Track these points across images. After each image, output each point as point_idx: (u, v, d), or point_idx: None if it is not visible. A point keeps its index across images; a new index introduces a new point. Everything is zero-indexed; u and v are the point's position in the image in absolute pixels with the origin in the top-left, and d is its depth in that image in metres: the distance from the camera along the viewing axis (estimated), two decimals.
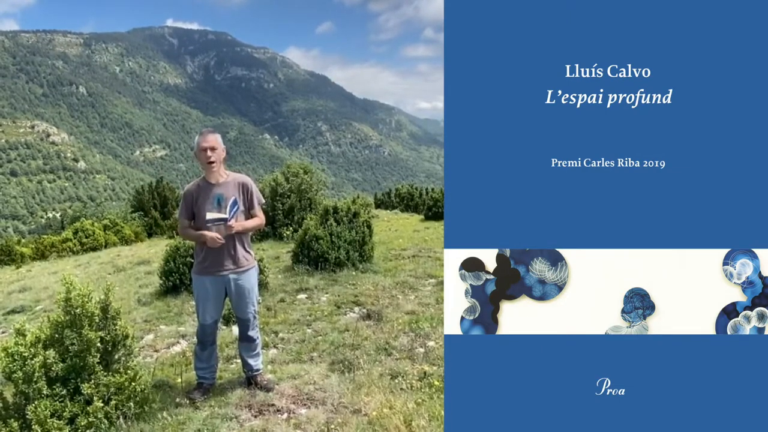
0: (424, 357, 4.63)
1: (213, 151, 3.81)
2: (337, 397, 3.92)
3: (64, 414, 3.20)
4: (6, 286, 11.90)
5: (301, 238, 8.35)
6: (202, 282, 3.93)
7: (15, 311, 8.42)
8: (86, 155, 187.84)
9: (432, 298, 6.66)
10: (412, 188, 25.15)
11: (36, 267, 15.43)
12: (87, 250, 17.66)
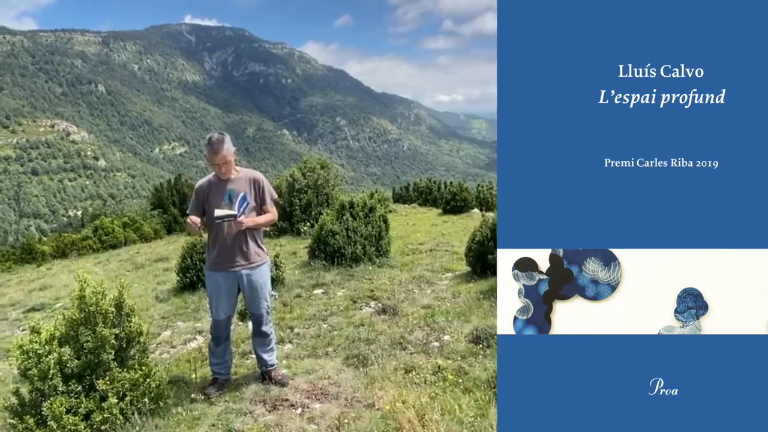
0: (438, 351, 4.61)
1: (226, 165, 3.83)
2: (350, 391, 3.92)
3: (79, 410, 3.23)
4: (27, 284, 12.14)
5: (318, 233, 8.36)
6: (215, 278, 3.95)
7: (35, 309, 8.57)
8: (106, 153, 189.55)
9: (448, 293, 6.63)
10: (431, 182, 25.00)
11: (56, 265, 15.67)
12: (107, 247, 17.88)
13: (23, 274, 14.92)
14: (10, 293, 11.27)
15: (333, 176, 13.94)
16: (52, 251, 18.03)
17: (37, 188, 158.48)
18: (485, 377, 3.90)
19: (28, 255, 18.02)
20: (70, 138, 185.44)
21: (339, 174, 14.85)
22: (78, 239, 18.15)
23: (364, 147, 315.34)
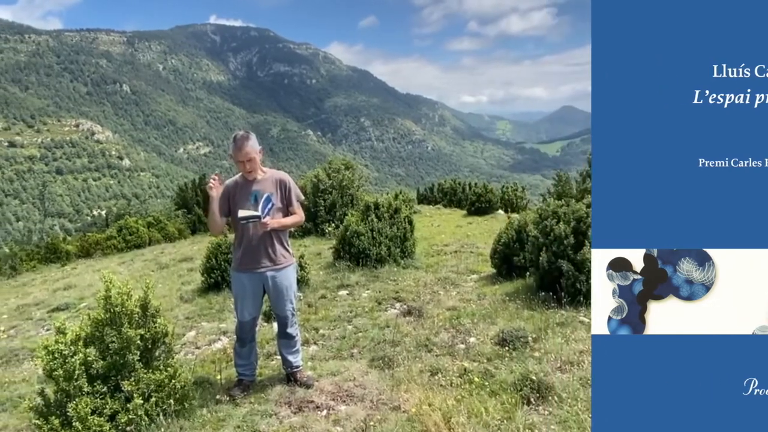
0: (464, 353, 4.56)
1: (250, 163, 3.80)
2: (376, 393, 3.89)
3: (104, 411, 3.23)
4: (51, 283, 12.35)
5: (342, 234, 8.36)
6: (240, 279, 3.94)
7: (59, 309, 8.69)
8: (131, 153, 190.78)
9: (474, 294, 6.56)
10: (455, 183, 24.85)
11: (81, 265, 15.92)
12: (131, 247, 18.04)
13: (48, 273, 15.16)
14: (35, 292, 11.48)
15: (357, 177, 13.95)
16: (76, 251, 18.22)
17: (61, 187, 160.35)
18: (511, 380, 3.84)
19: (53, 254, 18.22)
20: (95, 137, 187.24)
21: (363, 175, 14.83)
22: (102, 239, 18.33)
23: (388, 148, 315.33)
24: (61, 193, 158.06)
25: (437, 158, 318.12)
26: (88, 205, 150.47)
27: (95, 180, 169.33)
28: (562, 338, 4.65)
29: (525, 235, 6.77)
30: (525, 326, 4.92)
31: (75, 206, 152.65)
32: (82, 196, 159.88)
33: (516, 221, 7.47)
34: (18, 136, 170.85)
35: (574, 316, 5.21)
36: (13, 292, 12.25)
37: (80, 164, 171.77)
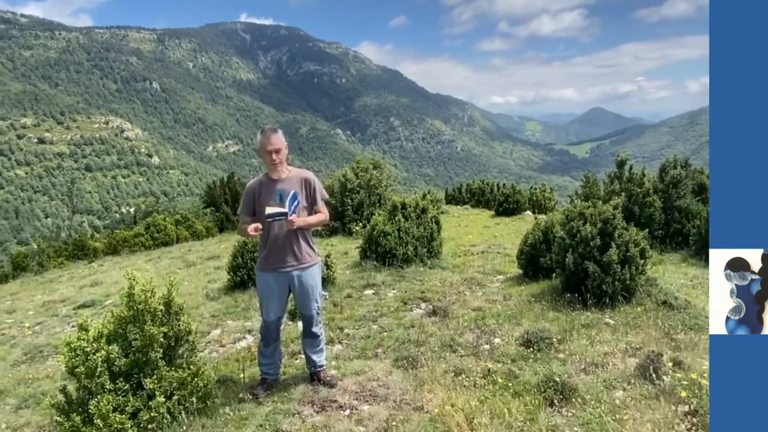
0: (489, 354, 4.56)
1: (278, 154, 3.82)
2: (399, 393, 3.91)
3: (126, 409, 3.24)
4: (78, 280, 12.58)
5: (369, 233, 8.41)
6: (265, 278, 3.97)
7: (85, 305, 8.83)
8: (160, 151, 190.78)
9: (499, 295, 6.54)
10: (484, 183, 24.71)
11: (108, 262, 16.10)
12: (158, 245, 18.04)
13: (75, 270, 15.34)
14: (62, 289, 11.72)
15: (386, 176, 13.98)
16: (104, 248, 18.22)
17: (90, 185, 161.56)
18: (535, 381, 3.83)
19: (81, 251, 18.22)
20: (124, 135, 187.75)
21: (391, 174, 14.85)
22: (130, 236, 18.34)
23: (417, 148, 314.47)
24: (90, 190, 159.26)
25: (466, 158, 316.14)
26: (117, 203, 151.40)
27: (124, 177, 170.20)
28: (587, 340, 4.62)
29: (551, 236, 6.73)
30: (550, 327, 4.90)
31: (104, 203, 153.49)
32: (111, 194, 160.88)
33: (543, 222, 7.42)
34: (48, 132, 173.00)
35: (599, 317, 5.17)
36: (40, 289, 12.55)
37: (109, 161, 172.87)
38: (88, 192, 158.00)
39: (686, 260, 7.77)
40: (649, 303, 5.44)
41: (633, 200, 8.44)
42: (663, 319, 4.96)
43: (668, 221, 8.51)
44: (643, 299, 5.54)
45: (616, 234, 5.60)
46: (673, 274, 6.96)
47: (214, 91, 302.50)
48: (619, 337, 4.67)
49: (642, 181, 8.68)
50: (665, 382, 3.62)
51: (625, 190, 8.67)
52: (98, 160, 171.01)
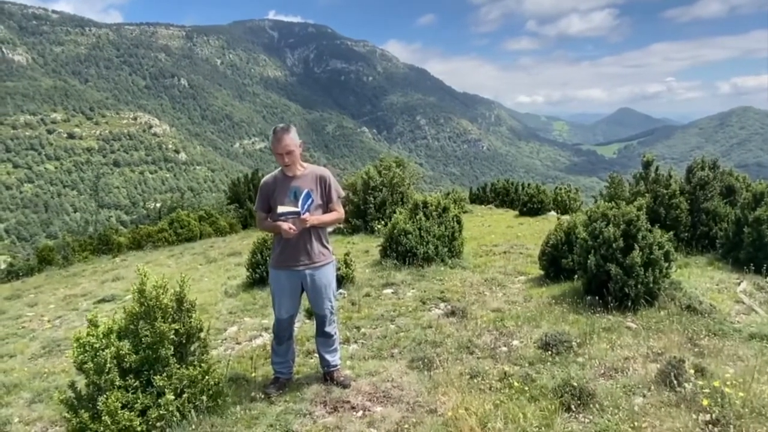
0: (506, 356, 4.49)
1: (290, 155, 3.78)
2: (413, 395, 3.88)
3: (135, 406, 3.21)
4: (101, 275, 12.75)
5: (390, 232, 8.38)
6: (278, 276, 3.95)
7: (105, 300, 8.93)
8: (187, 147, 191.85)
9: (520, 296, 6.45)
10: (508, 183, 24.50)
11: (131, 257, 16.27)
12: (182, 240, 18.10)
13: (99, 264, 15.54)
14: (84, 283, 11.90)
15: (409, 175, 13.93)
16: (128, 243, 18.37)
17: (118, 180, 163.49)
18: (552, 385, 3.76)
19: (105, 246, 18.45)
20: (152, 131, 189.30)
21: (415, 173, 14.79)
22: (154, 231, 18.47)
23: (443, 146, 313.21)
24: (118, 185, 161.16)
25: (492, 158, 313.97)
26: (144, 198, 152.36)
27: (152, 173, 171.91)
28: (608, 344, 4.52)
29: (574, 237, 6.61)
30: (570, 330, 4.81)
31: (131, 198, 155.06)
32: (138, 189, 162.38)
33: (565, 223, 7.31)
34: (77, 128, 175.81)
35: (620, 321, 5.06)
36: (63, 282, 12.76)
37: (137, 157, 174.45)
38: (116, 187, 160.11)
39: (712, 264, 7.56)
40: (673, 307, 5.30)
41: (658, 201, 8.24)
42: (686, 324, 4.83)
43: (695, 223, 8.30)
44: (666, 303, 5.40)
45: (640, 236, 5.47)
46: (699, 277, 6.78)
47: (242, 88, 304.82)
48: (641, 341, 4.56)
49: (668, 182, 8.48)
50: (687, 389, 3.52)
51: (651, 191, 8.47)
52: (126, 156, 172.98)
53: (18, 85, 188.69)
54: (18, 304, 10.56)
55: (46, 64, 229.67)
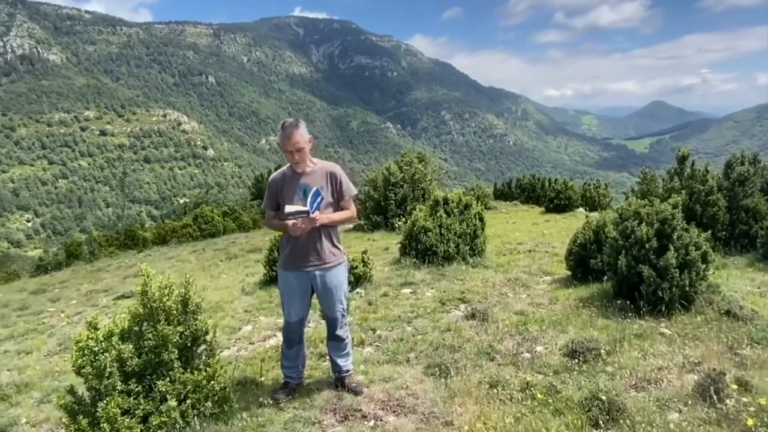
0: (529, 364, 4.21)
1: (300, 152, 3.59)
2: (428, 405, 3.64)
3: (136, 412, 3.07)
4: (124, 270, 12.78)
5: (410, 229, 8.13)
6: (287, 277, 3.77)
7: (124, 296, 8.87)
8: (215, 143, 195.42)
9: (545, 298, 6.14)
10: (534, 179, 23.94)
11: (156, 252, 16.35)
12: (206, 236, 18.26)
13: (124, 259, 15.69)
14: (107, 278, 11.93)
15: (431, 170, 13.64)
16: (153, 238, 18.65)
17: (148, 175, 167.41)
18: (579, 398, 3.48)
19: (131, 241, 18.74)
20: (181, 128, 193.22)
21: (437, 168, 14.47)
22: (179, 227, 18.69)
23: (468, 142, 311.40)
24: (149, 180, 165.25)
25: (519, 153, 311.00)
26: (174, 193, 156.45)
27: (181, 169, 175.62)
28: (639, 352, 4.20)
29: (603, 236, 6.26)
30: (598, 336, 4.50)
31: (161, 194, 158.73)
32: (168, 184, 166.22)
33: (594, 221, 6.95)
34: (109, 125, 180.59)
35: (653, 327, 4.72)
36: (88, 277, 12.83)
37: (167, 153, 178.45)
38: (146, 183, 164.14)
39: (753, 265, 7.12)
40: (711, 312, 4.94)
41: (694, 199, 7.81)
42: (726, 331, 4.47)
43: (733, 222, 7.85)
44: (703, 308, 5.04)
45: (675, 235, 5.11)
46: (738, 279, 6.37)
47: (268, 85, 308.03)
48: (676, 349, 4.23)
49: (705, 178, 8.03)
50: (728, 405, 3.20)
51: (686, 188, 8.04)
52: (156, 152, 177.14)
53: (53, 84, 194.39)
54: (42, 299, 10.62)
55: (80, 63, 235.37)
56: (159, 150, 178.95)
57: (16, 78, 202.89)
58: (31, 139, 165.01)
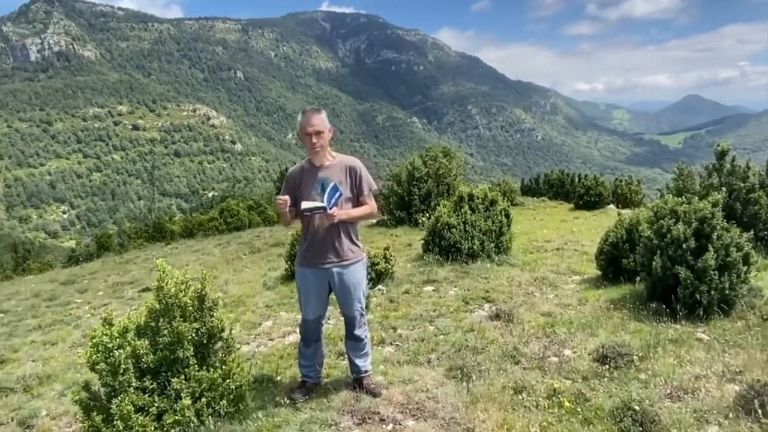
0: (556, 368, 4.01)
1: (318, 136, 3.46)
2: (449, 410, 3.48)
3: (151, 410, 3.02)
4: (151, 262, 12.84)
5: (433, 226, 7.94)
6: (304, 274, 3.66)
7: (149, 289, 8.89)
8: (243, 138, 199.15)
9: (573, 299, 5.90)
10: (563, 174, 23.36)
11: (182, 245, 16.47)
12: (231, 229, 18.36)
13: (151, 252, 15.84)
14: (134, 271, 11.99)
15: (456, 165, 13.38)
16: (180, 231, 18.90)
17: (178, 169, 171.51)
18: (609, 406, 3.28)
19: (159, 233, 19.04)
20: (210, 122, 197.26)
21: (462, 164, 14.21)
22: (205, 220, 18.87)
23: (495, 136, 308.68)
24: (179, 174, 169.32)
25: (547, 148, 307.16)
26: (203, 187, 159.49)
27: (209, 163, 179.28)
28: (675, 358, 3.95)
29: (636, 235, 5.98)
30: (630, 341, 4.26)
31: (191, 187, 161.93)
32: (197, 178, 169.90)
33: (627, 219, 6.66)
34: (141, 119, 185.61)
35: (690, 332, 4.45)
36: (116, 269, 12.95)
37: (196, 147, 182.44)
38: (176, 176, 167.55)
39: None
40: (753, 317, 4.64)
41: (735, 196, 7.43)
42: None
43: None
44: (744, 312, 4.75)
45: (715, 235, 4.82)
46: None
47: (294, 80, 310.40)
48: (715, 356, 3.96)
49: (746, 175, 7.63)
50: None
51: (726, 185, 7.66)
52: (186, 146, 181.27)
53: (87, 80, 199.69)
54: (71, 289, 10.74)
55: (113, 59, 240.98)
56: (189, 144, 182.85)
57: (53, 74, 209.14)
58: (67, 133, 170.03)
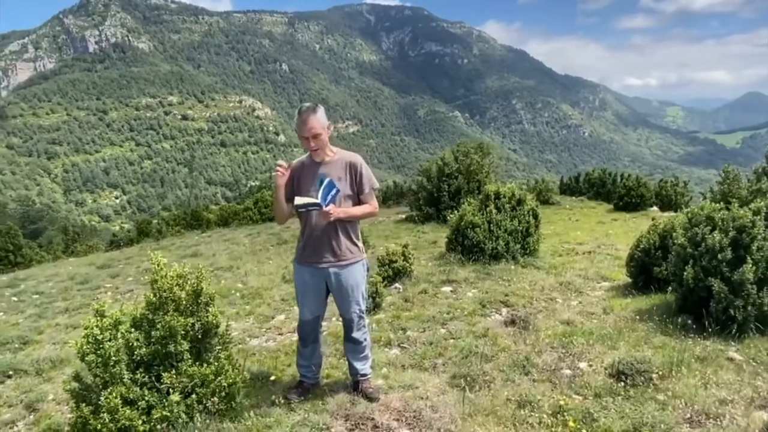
0: (568, 382, 3.75)
1: (316, 139, 3.33)
2: (447, 421, 3.28)
3: (140, 404, 2.95)
4: (183, 250, 13.02)
5: (456, 224, 7.70)
6: (301, 272, 3.54)
7: None
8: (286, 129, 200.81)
9: (598, 307, 5.57)
10: (605, 173, 22.48)
11: (216, 233, 16.67)
12: (264, 220, 18.54)
13: (186, 239, 16.12)
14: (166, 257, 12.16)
15: (488, 162, 13.02)
16: (216, 219, 19.31)
17: (224, 159, 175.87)
18: (618, 429, 3.02)
19: (195, 221, 19.49)
20: (255, 113, 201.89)
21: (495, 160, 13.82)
22: (240, 210, 19.19)
23: (540, 132, 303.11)
24: (224, 164, 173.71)
25: (594, 145, 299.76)
26: (246, 176, 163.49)
27: (253, 153, 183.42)
28: (700, 379, 3.63)
29: (670, 242, 5.61)
30: (652, 357, 3.95)
31: (235, 176, 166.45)
32: (241, 168, 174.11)
33: (661, 224, 6.27)
34: (190, 110, 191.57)
35: (720, 350, 4.10)
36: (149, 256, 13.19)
37: (241, 138, 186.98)
38: (222, 166, 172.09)
39: None
40: None
41: None
42: None
43: None
44: None
45: (755, 246, 4.43)
46: None
47: (338, 73, 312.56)
48: (745, 379, 3.63)
49: None
50: None
51: None
52: (231, 137, 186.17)
53: (141, 71, 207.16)
54: (103, 273, 10.95)
55: (165, 50, 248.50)
56: (234, 134, 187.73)
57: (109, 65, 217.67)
58: (121, 122, 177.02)
